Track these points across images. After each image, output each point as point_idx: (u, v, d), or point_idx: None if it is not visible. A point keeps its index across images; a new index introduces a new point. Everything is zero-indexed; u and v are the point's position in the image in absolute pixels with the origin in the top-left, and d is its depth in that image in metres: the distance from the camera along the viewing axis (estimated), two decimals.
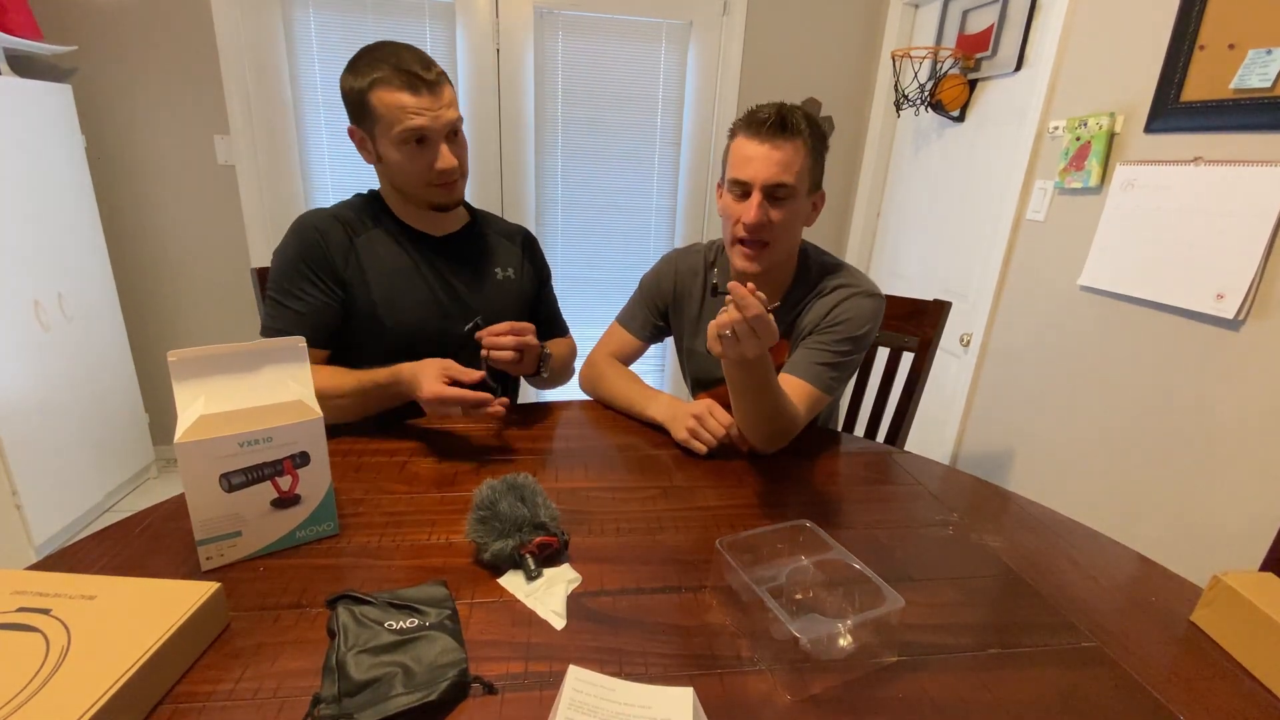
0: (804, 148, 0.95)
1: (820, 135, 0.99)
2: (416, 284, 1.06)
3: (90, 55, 2.00)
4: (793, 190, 0.95)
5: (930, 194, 2.20)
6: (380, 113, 0.95)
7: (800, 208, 0.99)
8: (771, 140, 0.93)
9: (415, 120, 0.93)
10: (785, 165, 0.93)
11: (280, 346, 0.68)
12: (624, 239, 2.53)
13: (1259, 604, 0.56)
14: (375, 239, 1.05)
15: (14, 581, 0.53)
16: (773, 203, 0.95)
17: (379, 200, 1.08)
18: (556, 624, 0.58)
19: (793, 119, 0.94)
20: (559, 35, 2.24)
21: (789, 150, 0.94)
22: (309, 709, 0.47)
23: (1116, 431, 1.42)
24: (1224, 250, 1.18)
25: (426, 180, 0.99)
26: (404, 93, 0.93)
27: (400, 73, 0.92)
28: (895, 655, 0.56)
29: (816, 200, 1.03)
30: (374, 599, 0.57)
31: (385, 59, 0.94)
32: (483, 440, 0.95)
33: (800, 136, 0.94)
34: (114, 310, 2.14)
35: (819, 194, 1.03)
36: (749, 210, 0.95)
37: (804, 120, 0.95)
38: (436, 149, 0.97)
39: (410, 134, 0.94)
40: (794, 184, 0.95)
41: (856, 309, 1.02)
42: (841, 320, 1.01)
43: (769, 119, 0.93)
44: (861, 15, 2.35)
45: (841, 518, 0.79)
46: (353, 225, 1.04)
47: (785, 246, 1.02)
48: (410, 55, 0.95)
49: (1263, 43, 1.13)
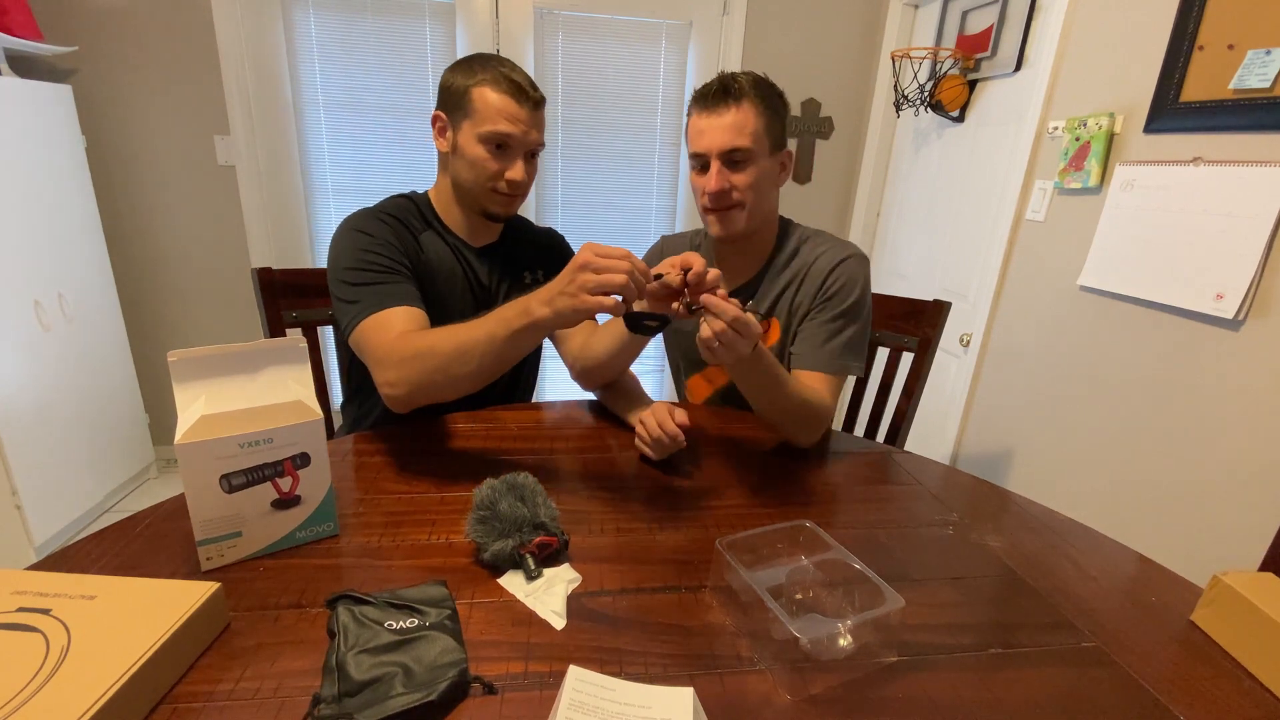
0: (753, 109, 0.97)
1: (772, 94, 1.00)
2: (463, 292, 1.07)
3: (90, 55, 2.00)
4: (749, 153, 0.97)
5: (930, 194, 2.20)
6: (477, 107, 0.97)
7: (764, 168, 1.00)
8: (717, 109, 0.97)
9: (507, 126, 0.96)
10: (737, 129, 0.96)
11: (280, 346, 0.68)
12: (624, 239, 2.53)
13: (1259, 604, 0.56)
14: (429, 241, 1.05)
15: (14, 581, 0.53)
16: (732, 168, 0.98)
17: (426, 202, 1.08)
18: (556, 624, 0.58)
19: (735, 84, 0.97)
20: (559, 35, 2.25)
21: (737, 114, 0.96)
22: (309, 709, 0.47)
23: (1116, 431, 1.42)
24: (1223, 250, 1.18)
25: (493, 185, 1.00)
26: (508, 98, 0.96)
27: (510, 82, 0.97)
28: (895, 655, 0.56)
29: (783, 159, 1.05)
30: (374, 599, 0.57)
31: (499, 65, 0.98)
32: (483, 440, 0.95)
33: (745, 98, 0.96)
34: (114, 310, 2.14)
35: (784, 153, 1.04)
36: (710, 180, 0.98)
37: (749, 83, 0.97)
38: (514, 159, 0.99)
39: (498, 136, 0.97)
40: (750, 146, 0.97)
41: (847, 274, 1.03)
42: (834, 291, 1.02)
43: (712, 89, 0.97)
44: (861, 15, 2.35)
45: (841, 518, 0.79)
46: (411, 223, 1.04)
47: (758, 208, 1.03)
48: (522, 73, 0.99)
49: (1262, 43, 1.13)
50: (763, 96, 0.98)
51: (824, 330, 1.02)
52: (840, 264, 1.03)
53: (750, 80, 0.98)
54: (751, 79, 0.98)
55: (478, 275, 1.09)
